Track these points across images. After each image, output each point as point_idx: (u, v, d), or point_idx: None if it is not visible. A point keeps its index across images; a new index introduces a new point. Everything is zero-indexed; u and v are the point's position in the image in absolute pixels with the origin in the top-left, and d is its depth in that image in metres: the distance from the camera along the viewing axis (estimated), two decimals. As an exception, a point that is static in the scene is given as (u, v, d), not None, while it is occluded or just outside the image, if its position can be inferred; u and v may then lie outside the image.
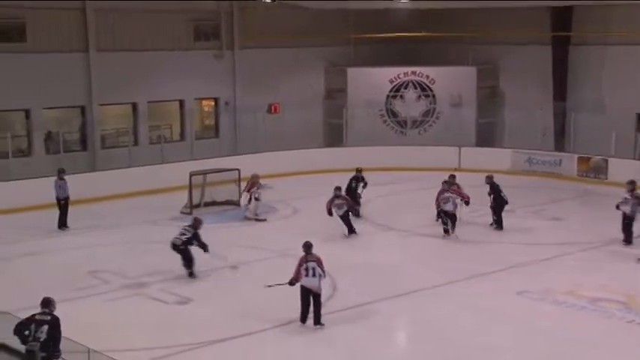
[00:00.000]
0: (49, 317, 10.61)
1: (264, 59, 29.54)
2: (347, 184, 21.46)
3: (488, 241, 19.37)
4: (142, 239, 19.81)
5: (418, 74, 30.86)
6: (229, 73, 29.29)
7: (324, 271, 13.67)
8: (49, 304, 10.85)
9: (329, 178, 22.11)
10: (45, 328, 10.47)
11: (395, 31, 30.34)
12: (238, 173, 22.68)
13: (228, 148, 28.89)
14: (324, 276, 13.72)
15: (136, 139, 27.44)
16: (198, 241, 16.59)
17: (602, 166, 26.27)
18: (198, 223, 16.91)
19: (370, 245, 19.10)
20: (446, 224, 19.40)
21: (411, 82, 30.89)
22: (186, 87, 28.03)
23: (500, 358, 12.71)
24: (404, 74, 30.89)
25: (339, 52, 31.57)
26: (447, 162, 27.68)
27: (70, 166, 22.70)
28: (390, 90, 30.93)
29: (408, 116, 30.73)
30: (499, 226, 20.21)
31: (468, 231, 20.11)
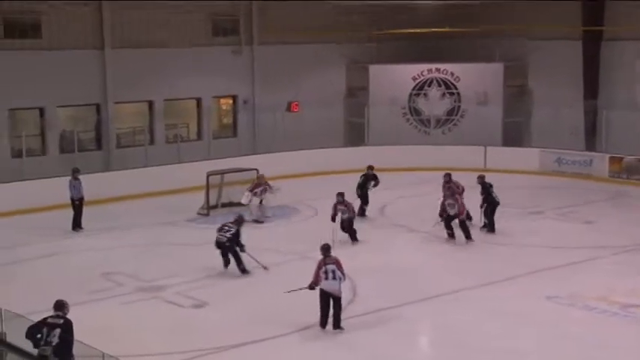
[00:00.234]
0: (62, 320, 10.65)
1: (284, 56, 29.57)
2: (358, 181, 21.44)
3: (516, 243, 19.25)
4: (158, 241, 19.90)
5: (442, 71, 30.76)
6: (248, 70, 29.36)
7: (343, 273, 13.66)
8: (63, 306, 10.89)
9: (350, 179, 22.09)
10: (57, 331, 10.51)
11: (418, 27, 30.26)
12: (257, 173, 22.69)
13: (247, 147, 28.94)
14: (344, 279, 13.71)
15: (152, 138, 27.57)
16: (237, 239, 16.86)
17: (635, 167, 26.05)
18: (241, 220, 17.17)
19: (391, 248, 19.05)
20: (450, 229, 19.24)
21: (435, 80, 30.79)
22: (203, 84, 28.13)
23: (527, 364, 12.66)
24: (427, 71, 30.80)
25: (360, 48, 31.52)
26: (472, 162, 27.53)
27: (84, 165, 22.85)
28: (413, 88, 30.85)
29: (431, 115, 30.64)
30: (491, 229, 19.98)
31: (494, 234, 20.01)
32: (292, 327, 13.93)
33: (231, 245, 16.79)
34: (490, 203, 20.04)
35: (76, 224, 20.83)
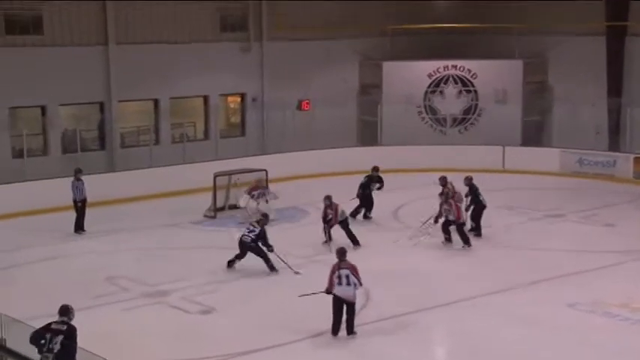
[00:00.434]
0: (65, 327, 10.69)
1: (294, 52, 29.59)
2: (361, 181, 21.41)
3: (535, 248, 19.21)
4: (163, 244, 19.96)
5: (459, 68, 30.71)
6: (257, 67, 29.39)
7: (359, 279, 13.63)
8: (67, 312, 10.93)
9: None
10: (59, 338, 10.55)
11: (434, 22, 30.22)
12: (266, 174, 22.73)
13: (255, 147, 28.99)
14: (360, 285, 13.69)
15: (157, 137, 27.63)
16: (264, 239, 17.05)
17: (660, 168, 26.00)
18: (266, 219, 17.42)
19: (407, 251, 19.02)
20: (447, 233, 19.14)
21: (452, 77, 30.75)
22: (210, 82, 28.17)
23: (547, 373, 12.66)
24: (444, 68, 30.77)
25: (374, 44, 31.51)
26: (489, 163, 27.53)
27: (87, 166, 22.91)
28: (428, 85, 30.81)
29: (447, 113, 30.59)
30: (478, 233, 19.89)
31: (512, 238, 20.00)
32: (303, 333, 13.94)
33: (256, 245, 17.05)
34: (477, 206, 19.95)
35: (79, 226, 20.90)
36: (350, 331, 13.72)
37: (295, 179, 25.62)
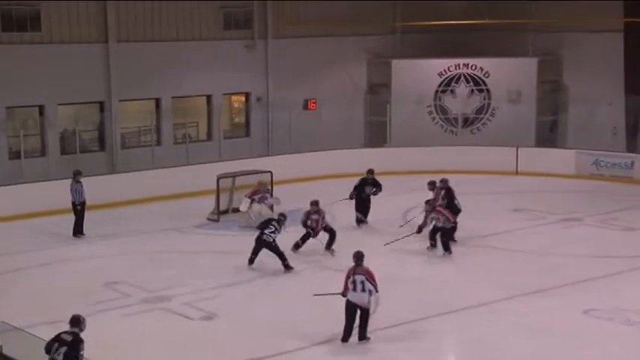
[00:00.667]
0: (71, 338, 10.69)
1: (301, 50, 29.59)
2: (354, 186, 21.33)
3: (550, 253, 19.14)
4: (165, 248, 19.92)
5: (471, 67, 30.67)
6: (261, 66, 29.39)
7: (375, 285, 13.60)
8: (78, 323, 10.88)
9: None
10: (63, 349, 10.57)
11: (445, 19, 30.18)
12: (271, 176, 22.70)
13: (260, 148, 28.99)
14: (376, 291, 13.64)
15: (158, 138, 27.65)
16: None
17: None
18: (284, 219, 18.09)
19: (417, 256, 18.97)
20: (433, 240, 19.01)
21: (463, 76, 30.71)
22: (214, 81, 28.18)
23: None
24: (455, 66, 30.72)
25: (382, 42, 31.50)
26: (502, 165, 27.47)
27: (87, 167, 22.93)
28: (439, 84, 30.78)
29: (459, 113, 30.55)
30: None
31: (526, 242, 19.93)
32: (309, 339, 13.91)
33: (276, 244, 17.75)
34: (452, 210, 19.87)
35: (78, 230, 20.88)
36: (362, 336, 13.71)
37: (301, 181, 25.57)
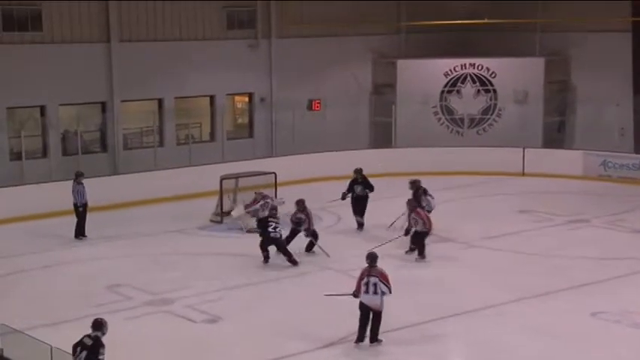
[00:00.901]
0: (91, 342, 10.75)
1: (304, 50, 29.59)
2: (347, 188, 21.27)
3: (557, 255, 19.14)
4: (168, 250, 19.94)
5: (477, 66, 30.65)
6: (265, 66, 29.39)
7: (388, 287, 13.63)
8: (100, 327, 10.95)
9: (376, 183, 22.00)
10: (83, 354, 10.67)
11: (451, 18, 30.16)
12: (274, 177, 22.71)
13: (264, 149, 29.00)
14: (389, 293, 13.67)
15: (161, 139, 27.67)
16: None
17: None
18: (276, 211, 18.78)
19: (425, 258, 18.95)
20: (414, 244, 18.94)
21: (469, 76, 30.69)
22: (217, 81, 28.18)
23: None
24: (461, 66, 30.71)
25: (388, 41, 31.49)
26: (509, 165, 27.46)
27: (88, 168, 22.96)
28: (445, 84, 30.76)
29: (465, 114, 30.53)
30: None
31: (533, 244, 19.92)
32: (314, 342, 13.93)
33: (284, 241, 18.55)
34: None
35: (80, 232, 20.91)
36: (374, 339, 13.74)
37: (305, 182, 25.57)
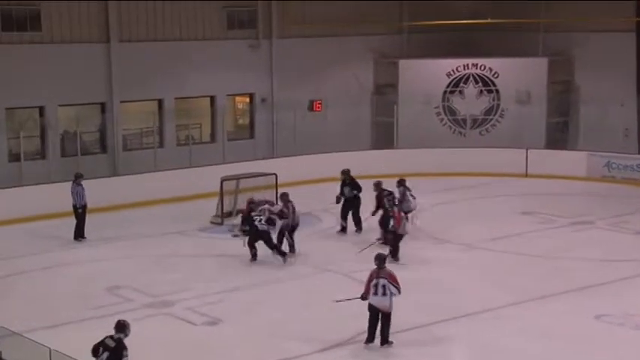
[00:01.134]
0: (114, 345, 10.82)
1: (306, 50, 29.61)
2: (339, 191, 21.21)
3: (560, 256, 19.14)
4: (168, 252, 19.96)
5: (480, 67, 30.65)
6: (266, 66, 29.41)
7: (398, 287, 13.70)
8: (123, 329, 11.05)
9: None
10: (105, 355, 10.74)
11: (453, 18, 30.17)
12: (275, 178, 22.73)
13: (265, 150, 29.01)
14: (398, 293, 13.73)
15: (161, 140, 27.69)
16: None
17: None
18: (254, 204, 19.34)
19: (425, 260, 18.98)
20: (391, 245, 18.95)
21: (472, 76, 30.70)
22: (217, 81, 28.20)
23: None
24: (463, 67, 30.72)
25: (389, 41, 31.50)
26: (512, 166, 27.46)
27: (88, 170, 23.01)
28: (447, 85, 30.77)
29: (467, 114, 30.52)
30: (385, 242, 19.59)
31: (536, 246, 19.93)
32: (315, 344, 13.95)
33: (270, 234, 18.59)
34: (384, 212, 19.87)
35: (79, 234, 20.93)
36: (384, 341, 13.81)
37: (306, 184, 25.58)
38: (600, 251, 19.53)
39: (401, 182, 20.76)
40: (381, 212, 19.97)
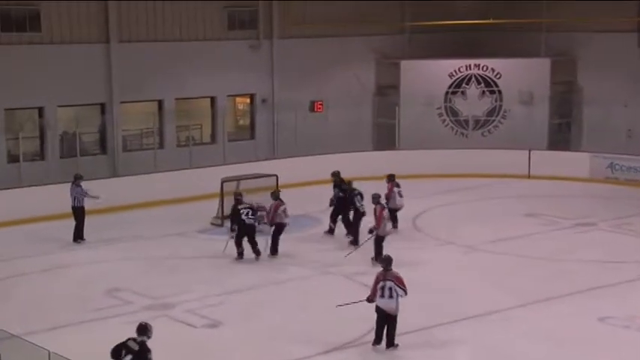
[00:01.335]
0: (137, 347, 10.79)
1: (307, 50, 29.59)
2: (334, 195, 21.14)
3: (563, 258, 19.13)
4: (168, 254, 19.94)
5: (482, 67, 30.64)
6: (267, 66, 29.39)
7: (404, 289, 13.70)
8: (145, 331, 10.98)
9: (378, 186, 21.99)
10: (129, 357, 10.71)
11: (455, 18, 30.17)
12: (276, 179, 22.69)
13: (265, 151, 29.00)
14: (405, 294, 13.72)
15: (161, 140, 27.68)
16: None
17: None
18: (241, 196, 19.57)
19: (427, 262, 18.96)
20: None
21: (474, 77, 30.68)
22: (218, 82, 28.19)
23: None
24: (466, 67, 30.70)
25: (391, 42, 31.48)
26: (514, 168, 27.44)
27: (87, 171, 22.97)
28: (449, 85, 30.76)
29: (470, 115, 30.51)
30: (355, 243, 19.76)
31: (539, 248, 19.91)
32: (316, 347, 13.94)
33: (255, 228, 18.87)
34: (355, 212, 19.93)
35: (78, 235, 20.91)
36: (390, 344, 13.80)
37: (307, 185, 25.57)
38: (603, 253, 19.51)
39: (390, 178, 20.68)
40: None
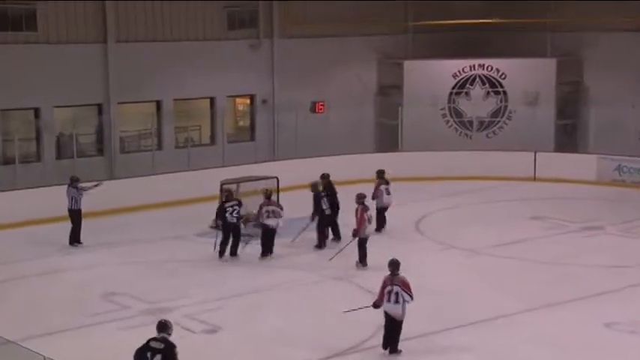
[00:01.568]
0: (163, 345, 10.82)
1: (308, 50, 29.61)
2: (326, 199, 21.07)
3: (570, 262, 19.12)
4: (166, 257, 19.94)
5: (487, 67, 30.65)
6: (267, 67, 29.42)
7: (411, 294, 13.72)
8: (165, 328, 11.00)
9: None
10: (159, 357, 10.70)
11: (459, 18, 30.19)
12: (277, 182, 22.69)
13: (266, 152, 29.01)
14: (411, 300, 13.75)
15: (159, 142, 27.70)
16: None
17: None
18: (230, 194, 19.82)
19: (430, 266, 18.95)
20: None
21: (479, 77, 30.69)
22: (217, 82, 28.22)
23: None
24: (470, 67, 30.71)
25: (394, 42, 31.50)
26: (520, 170, 27.43)
27: (84, 173, 22.99)
28: (453, 86, 30.77)
29: (474, 116, 30.52)
30: (320, 245, 19.89)
31: (545, 251, 19.89)
32: (316, 351, 13.93)
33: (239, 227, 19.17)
34: (321, 215, 20.01)
35: (75, 238, 20.92)
36: (393, 350, 13.82)
37: (308, 187, 25.54)
38: (610, 257, 19.49)
39: (380, 174, 20.61)
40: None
